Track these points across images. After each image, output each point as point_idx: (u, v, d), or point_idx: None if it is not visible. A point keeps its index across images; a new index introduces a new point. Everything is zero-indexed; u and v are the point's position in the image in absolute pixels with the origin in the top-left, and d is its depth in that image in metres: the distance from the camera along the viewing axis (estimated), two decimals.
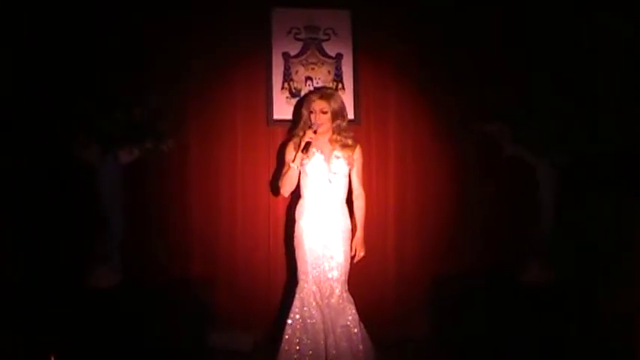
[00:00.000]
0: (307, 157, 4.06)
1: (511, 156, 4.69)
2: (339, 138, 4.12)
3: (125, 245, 4.51)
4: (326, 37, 4.85)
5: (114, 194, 4.46)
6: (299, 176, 4.13)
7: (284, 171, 4.14)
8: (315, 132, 4.03)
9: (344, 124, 4.11)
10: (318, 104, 4.07)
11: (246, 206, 4.80)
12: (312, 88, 4.75)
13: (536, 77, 4.73)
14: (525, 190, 4.72)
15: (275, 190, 4.41)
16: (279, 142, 4.69)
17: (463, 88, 4.84)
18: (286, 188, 4.13)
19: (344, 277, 4.12)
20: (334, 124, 4.09)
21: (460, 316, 4.53)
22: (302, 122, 4.13)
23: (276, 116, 4.81)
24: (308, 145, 4.01)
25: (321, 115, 4.06)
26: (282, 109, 4.81)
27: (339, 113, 4.08)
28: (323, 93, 4.16)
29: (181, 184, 4.74)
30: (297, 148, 4.05)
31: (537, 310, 4.37)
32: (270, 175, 4.75)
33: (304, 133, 4.06)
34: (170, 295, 4.45)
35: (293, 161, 4.05)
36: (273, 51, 4.79)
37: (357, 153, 4.16)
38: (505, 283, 4.67)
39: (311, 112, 4.08)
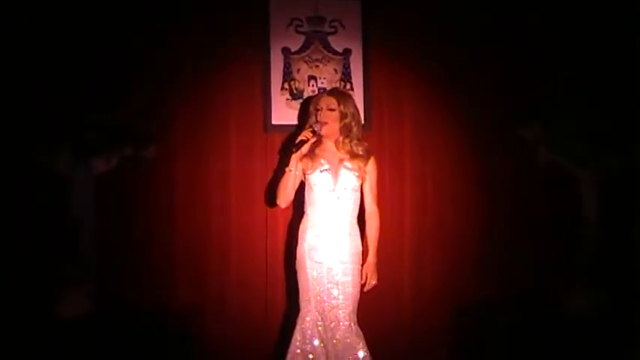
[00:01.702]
0: (310, 162, 3.94)
1: (549, 165, 4.59)
2: (347, 142, 3.97)
3: (100, 267, 4.37)
4: (332, 30, 4.65)
5: (87, 208, 4.34)
6: (304, 189, 4.00)
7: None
8: (314, 131, 3.91)
9: (355, 129, 3.98)
10: (326, 100, 3.96)
11: (241, 223, 4.61)
12: (315, 89, 4.61)
13: (578, 72, 4.59)
14: (566, 204, 4.61)
15: (273, 202, 4.18)
16: (278, 150, 4.56)
17: (492, 87, 4.67)
18: (282, 197, 4.01)
19: (352, 307, 3.93)
20: (342, 124, 3.95)
21: (487, 354, 4.42)
22: (308, 123, 4.01)
23: (274, 121, 4.60)
24: (301, 143, 3.88)
25: (328, 112, 3.94)
26: (282, 112, 4.60)
27: (348, 114, 3.95)
28: (334, 91, 4.14)
29: (166, 198, 4.55)
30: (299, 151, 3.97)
31: (580, 345, 4.27)
32: (268, 186, 4.55)
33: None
34: (153, 325, 4.33)
35: (287, 164, 3.92)
36: (272, 46, 4.59)
37: (371, 165, 4.02)
38: (542, 315, 4.48)
39: (318, 109, 3.96)
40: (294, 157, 3.89)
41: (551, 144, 4.54)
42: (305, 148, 3.89)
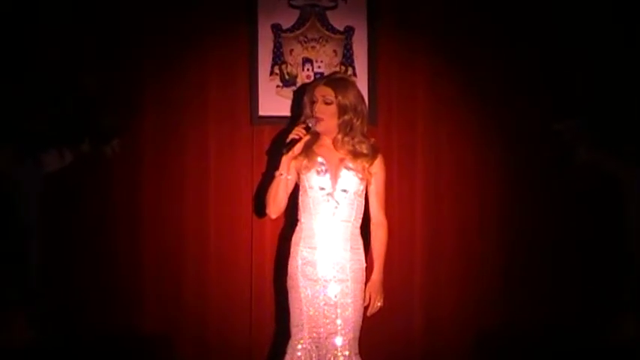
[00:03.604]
0: (306, 160, 3.69)
1: (588, 164, 4.41)
2: (347, 140, 3.70)
3: (49, 287, 4.19)
4: (332, 4, 4.41)
5: (35, 213, 4.21)
6: (298, 194, 3.78)
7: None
8: (307, 127, 3.69)
9: (358, 123, 3.73)
10: (321, 91, 3.71)
11: (222, 233, 4.41)
12: (311, 75, 4.41)
13: (621, 57, 4.32)
14: (607, 210, 4.43)
15: (260, 210, 4.00)
16: (267, 149, 4.36)
17: (522, 74, 4.44)
18: (272, 207, 3.78)
19: (353, 334, 3.65)
20: (340, 121, 3.70)
21: None
22: (302, 118, 3.80)
23: (262, 112, 4.37)
24: (293, 142, 3.67)
25: (324, 106, 3.68)
26: (271, 101, 4.38)
27: (348, 108, 3.70)
28: (331, 78, 3.87)
29: (131, 202, 4.36)
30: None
31: None
32: (254, 190, 4.36)
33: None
34: (116, 356, 4.18)
35: (278, 167, 3.72)
36: (260, 22, 4.36)
37: (377, 165, 3.77)
38: (582, 345, 4.31)
39: (313, 101, 3.74)
40: (285, 160, 3.70)
41: (593, 141, 4.38)
42: (297, 148, 3.67)
